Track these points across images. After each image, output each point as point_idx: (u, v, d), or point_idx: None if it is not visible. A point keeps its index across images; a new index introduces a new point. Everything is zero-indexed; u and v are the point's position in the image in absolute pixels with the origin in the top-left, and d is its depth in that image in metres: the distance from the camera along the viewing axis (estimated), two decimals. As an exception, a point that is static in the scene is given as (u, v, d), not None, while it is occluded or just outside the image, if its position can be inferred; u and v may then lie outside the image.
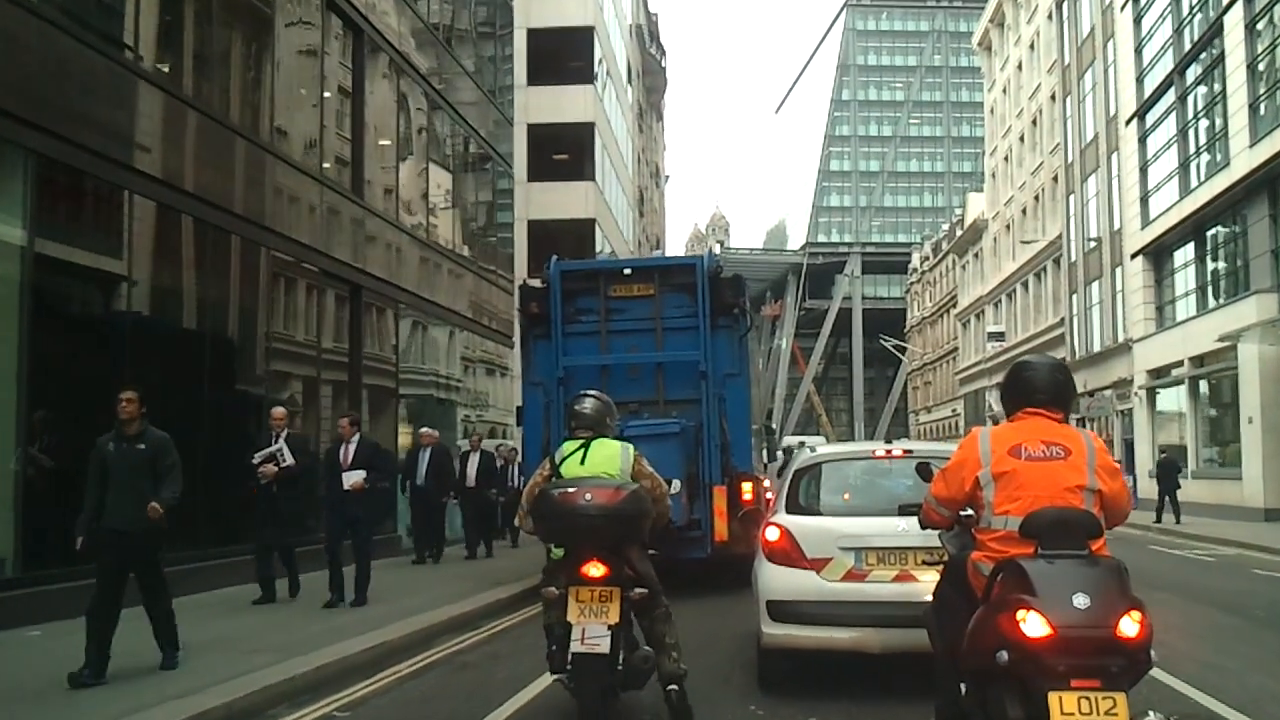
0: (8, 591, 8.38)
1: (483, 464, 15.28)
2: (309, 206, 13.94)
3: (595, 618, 4.95)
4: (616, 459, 5.40)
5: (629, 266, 12.15)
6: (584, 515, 5.00)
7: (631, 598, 5.03)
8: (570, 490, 5.11)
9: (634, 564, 5.14)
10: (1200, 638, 8.01)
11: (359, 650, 7.25)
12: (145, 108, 10.47)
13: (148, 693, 5.93)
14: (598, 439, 5.50)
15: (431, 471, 13.95)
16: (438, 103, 19.50)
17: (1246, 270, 22.30)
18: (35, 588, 8.45)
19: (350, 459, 9.75)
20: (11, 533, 8.57)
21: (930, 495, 4.16)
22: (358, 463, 9.74)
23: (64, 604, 8.18)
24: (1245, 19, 21.89)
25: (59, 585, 8.24)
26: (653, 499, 5.35)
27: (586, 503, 5.01)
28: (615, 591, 4.99)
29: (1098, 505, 3.72)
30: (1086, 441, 3.82)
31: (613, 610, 4.96)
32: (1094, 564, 3.44)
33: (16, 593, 8.40)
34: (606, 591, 4.98)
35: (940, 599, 4.29)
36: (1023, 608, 3.28)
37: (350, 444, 9.89)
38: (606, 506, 5.03)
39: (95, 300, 10.42)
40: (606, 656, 4.94)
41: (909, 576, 5.73)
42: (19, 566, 8.58)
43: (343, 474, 9.66)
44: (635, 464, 5.46)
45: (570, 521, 5.06)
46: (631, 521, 5.14)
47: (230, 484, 10.27)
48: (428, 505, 14.15)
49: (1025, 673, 3.28)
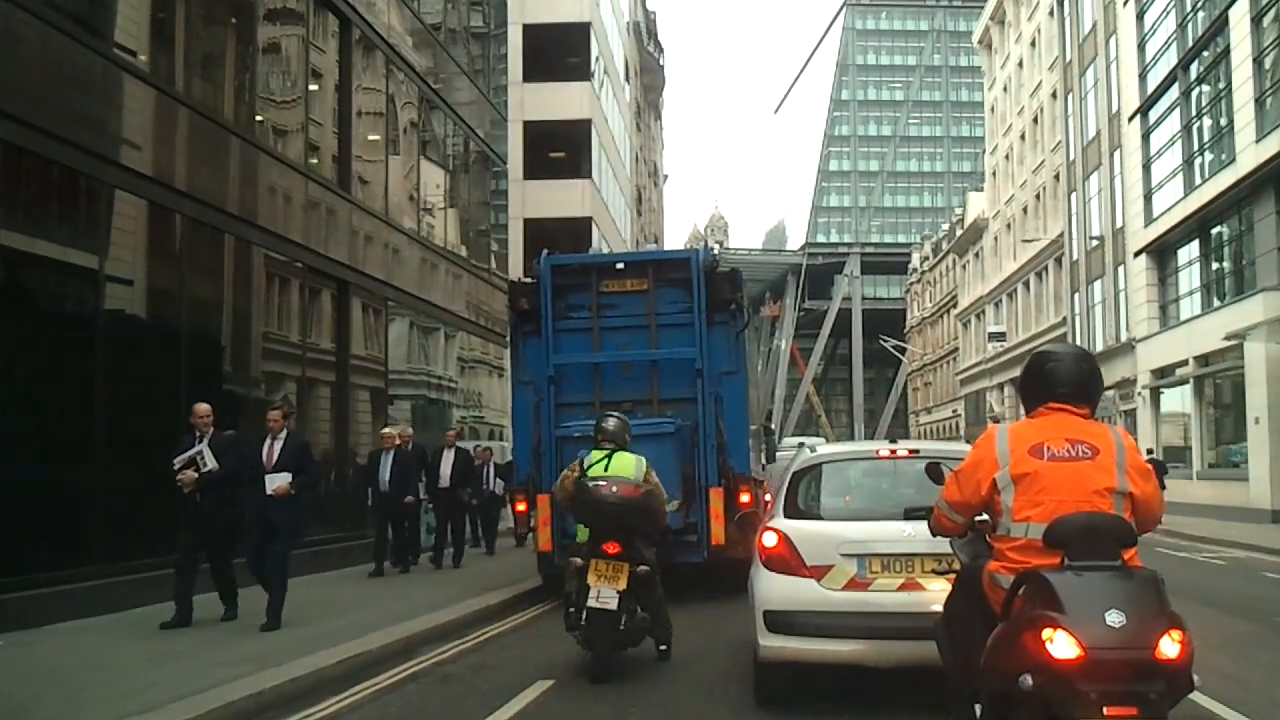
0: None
1: (458, 463, 13.97)
2: (293, 200, 13.57)
3: (608, 584, 6.59)
4: (632, 467, 7.02)
5: (622, 261, 11.77)
6: (608, 504, 6.64)
7: (638, 573, 6.67)
8: (601, 484, 6.72)
9: (642, 549, 6.76)
10: (1218, 646, 7.62)
11: (333, 662, 6.87)
12: (132, 103, 10.17)
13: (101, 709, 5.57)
14: (618, 451, 7.12)
15: (396, 475, 12.69)
16: (433, 101, 19.18)
17: (1253, 268, 21.97)
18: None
19: (275, 459, 8.50)
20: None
21: (942, 500, 3.79)
22: (283, 464, 8.49)
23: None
24: (1251, 13, 21.58)
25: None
26: (660, 503, 7.06)
27: (612, 494, 6.65)
28: (625, 566, 6.64)
29: (1129, 510, 3.36)
30: (1116, 439, 3.46)
31: (622, 580, 6.61)
32: (1128, 576, 3.08)
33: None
34: (619, 565, 6.62)
35: (952, 612, 3.94)
36: (1049, 626, 2.92)
37: (277, 440, 8.59)
38: (626, 499, 6.68)
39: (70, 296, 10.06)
40: (614, 613, 6.58)
41: (916, 585, 5.36)
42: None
43: (265, 476, 8.43)
44: (646, 473, 7.07)
45: (598, 508, 6.69)
46: (644, 513, 6.79)
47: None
48: (392, 513, 12.80)
49: (1052, 698, 2.92)
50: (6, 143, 8.46)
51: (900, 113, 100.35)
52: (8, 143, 8.47)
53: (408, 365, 18.07)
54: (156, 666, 6.71)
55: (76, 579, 8.76)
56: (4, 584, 8.16)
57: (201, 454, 8.28)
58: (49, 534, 8.84)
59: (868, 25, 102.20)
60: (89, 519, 9.11)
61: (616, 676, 6.71)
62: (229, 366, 12.37)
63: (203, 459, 8.27)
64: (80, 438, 9.13)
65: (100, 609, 8.71)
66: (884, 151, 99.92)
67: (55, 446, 9.11)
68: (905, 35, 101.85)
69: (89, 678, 6.43)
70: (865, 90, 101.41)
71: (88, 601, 8.63)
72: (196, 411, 8.52)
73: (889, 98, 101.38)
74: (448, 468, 13.75)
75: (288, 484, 8.40)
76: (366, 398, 15.99)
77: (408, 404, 18.01)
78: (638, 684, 6.58)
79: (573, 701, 6.21)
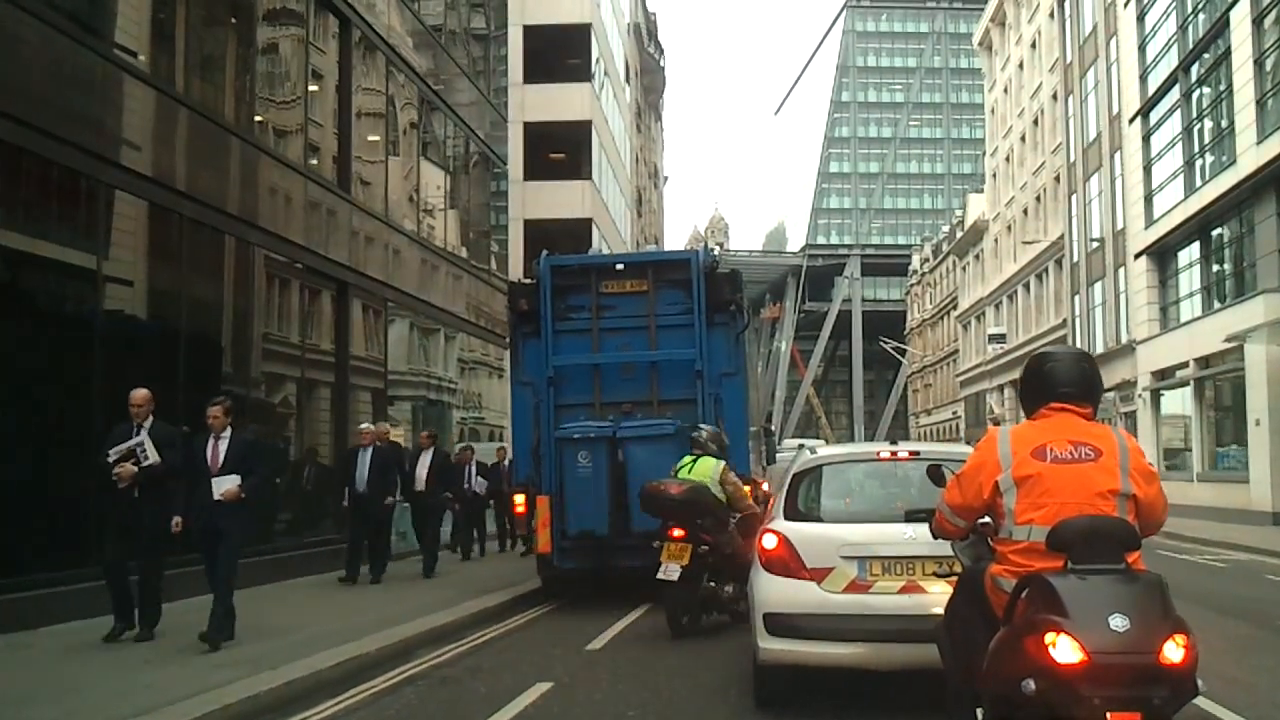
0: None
1: (435, 464, 13.23)
2: (293, 200, 13.53)
3: (673, 560, 8.37)
4: (710, 469, 8.84)
5: (622, 262, 11.74)
6: (662, 498, 8.52)
7: (699, 552, 8.44)
8: (662, 485, 8.59)
9: (708, 531, 8.58)
10: (1221, 650, 7.58)
11: (330, 665, 6.83)
12: (132, 103, 10.14)
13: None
14: (703, 456, 8.95)
15: (374, 475, 11.85)
16: (433, 102, 19.15)
17: (1253, 270, 21.92)
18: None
19: (220, 460, 7.60)
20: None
21: (943, 503, 3.76)
22: (230, 465, 7.59)
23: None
24: (1252, 14, 21.53)
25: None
26: (736, 496, 8.91)
27: (664, 491, 8.55)
28: (688, 546, 8.42)
29: (1132, 512, 3.33)
30: (1119, 440, 3.43)
31: (685, 557, 8.37)
32: (1132, 580, 3.05)
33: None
34: (683, 546, 8.42)
35: (953, 615, 3.91)
36: (1052, 630, 2.89)
37: (221, 439, 7.68)
38: (675, 495, 8.52)
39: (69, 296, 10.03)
40: (676, 584, 8.32)
41: (917, 588, 5.33)
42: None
43: (212, 480, 7.52)
44: (722, 473, 8.88)
45: (656, 501, 8.58)
46: (690, 506, 8.51)
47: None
48: (369, 515, 11.92)
49: (1055, 703, 2.89)
50: (6, 143, 8.44)
51: (900, 114, 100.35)
52: (7, 143, 8.45)
53: (408, 366, 18.03)
54: (154, 669, 6.68)
55: (75, 579, 8.71)
56: (3, 584, 8.14)
57: (142, 445, 7.41)
58: (48, 534, 8.82)
59: (868, 27, 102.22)
60: (88, 519, 9.07)
61: (611, 678, 6.69)
62: (229, 367, 12.33)
63: (143, 451, 7.39)
64: (79, 438, 9.09)
65: (99, 609, 8.64)
66: (884, 153, 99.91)
67: (55, 446, 9.07)
68: (905, 37, 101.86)
69: (86, 679, 6.40)
70: (865, 92, 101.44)
71: (86, 602, 8.58)
72: (134, 398, 7.59)
73: (889, 99, 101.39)
74: (424, 470, 13.13)
75: (237, 487, 7.51)
76: (367, 399, 15.95)
77: (408, 405, 17.97)
78: (637, 686, 6.54)
79: (571, 704, 6.17)
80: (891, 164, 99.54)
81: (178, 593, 8.61)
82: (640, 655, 7.65)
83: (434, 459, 13.36)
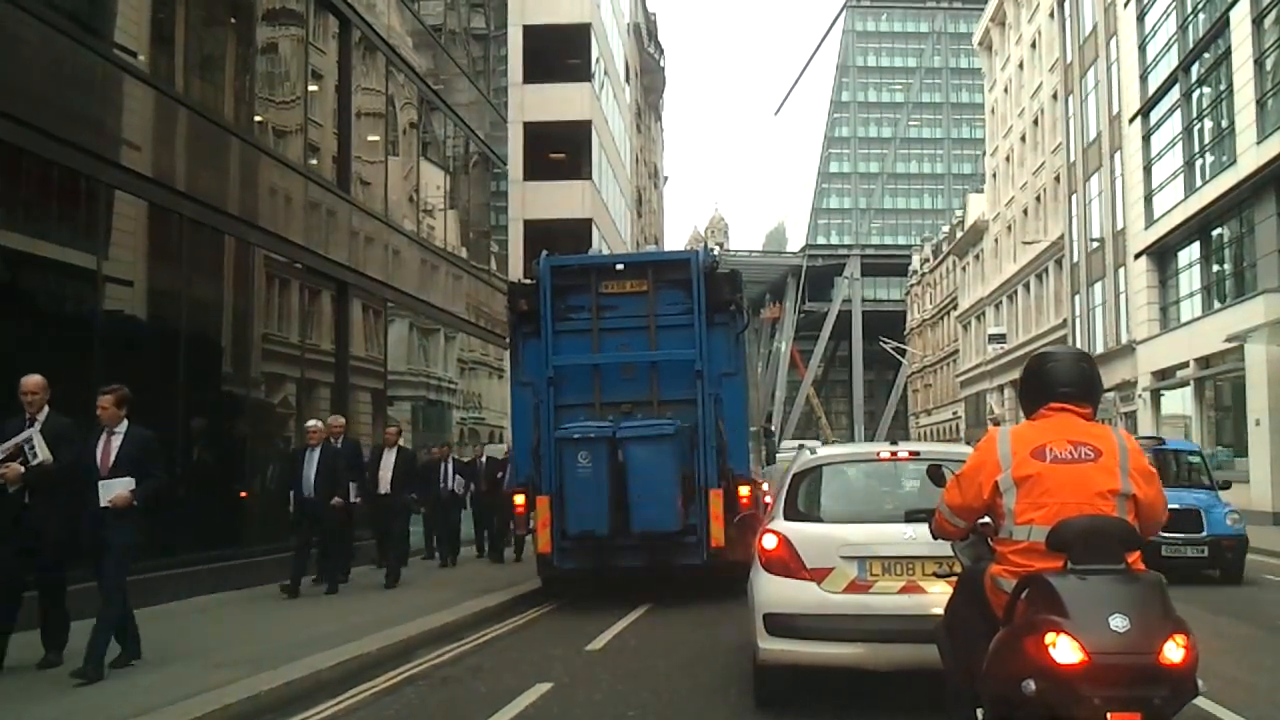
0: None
1: (400, 465, 12.31)
2: (293, 201, 13.54)
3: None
4: None
5: (621, 261, 11.74)
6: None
7: None
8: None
9: None
10: (1221, 650, 7.58)
11: (330, 665, 6.83)
12: (132, 103, 10.13)
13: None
14: None
15: (321, 476, 10.76)
16: (433, 102, 19.15)
17: (1253, 270, 21.93)
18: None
19: (111, 460, 6.56)
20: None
21: (943, 503, 3.76)
22: (122, 466, 6.55)
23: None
24: (1252, 14, 21.54)
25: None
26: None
27: None
28: None
29: (1132, 512, 3.33)
30: (1118, 440, 3.43)
31: None
32: (1132, 580, 3.05)
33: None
34: None
35: (953, 615, 3.91)
36: (1052, 630, 2.89)
37: (115, 435, 6.62)
38: None
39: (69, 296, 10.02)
40: None
41: (917, 588, 5.33)
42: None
43: (100, 483, 6.48)
44: None
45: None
46: None
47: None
48: (318, 521, 10.83)
49: (1055, 704, 2.88)
50: (6, 143, 8.44)
51: (900, 114, 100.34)
52: (7, 143, 8.45)
53: (407, 367, 18.03)
54: (153, 669, 6.67)
55: (74, 579, 8.68)
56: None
57: (31, 441, 6.38)
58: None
59: (868, 27, 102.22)
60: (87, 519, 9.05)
61: (611, 678, 6.70)
62: (228, 367, 12.34)
63: (32, 448, 6.36)
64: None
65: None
66: (884, 153, 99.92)
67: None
68: (905, 37, 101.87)
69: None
70: (865, 92, 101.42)
71: (85, 602, 8.55)
72: (25, 385, 6.55)
73: (889, 99, 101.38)
74: (388, 471, 12.24)
75: (129, 492, 6.45)
76: (367, 399, 15.95)
77: (407, 405, 17.97)
78: (637, 686, 6.54)
79: (571, 705, 6.17)
80: (891, 164, 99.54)
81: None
82: (640, 655, 7.65)
83: (399, 458, 12.42)
